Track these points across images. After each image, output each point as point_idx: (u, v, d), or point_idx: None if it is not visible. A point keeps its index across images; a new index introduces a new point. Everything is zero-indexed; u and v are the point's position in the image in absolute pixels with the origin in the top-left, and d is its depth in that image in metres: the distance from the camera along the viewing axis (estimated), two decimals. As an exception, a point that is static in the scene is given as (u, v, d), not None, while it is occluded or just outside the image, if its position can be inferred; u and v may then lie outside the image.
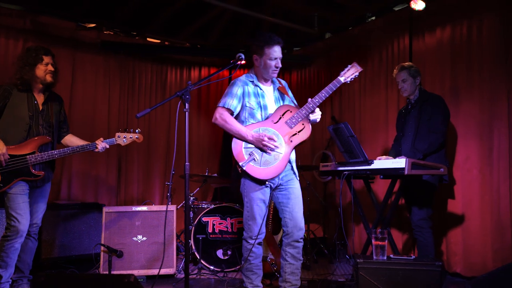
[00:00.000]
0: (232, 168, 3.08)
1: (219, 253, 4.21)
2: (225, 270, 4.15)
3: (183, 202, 4.63)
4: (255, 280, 3.05)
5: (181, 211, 4.99)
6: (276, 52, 3.06)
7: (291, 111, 3.06)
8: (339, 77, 3.13)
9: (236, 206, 4.30)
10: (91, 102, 5.41)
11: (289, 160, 3.06)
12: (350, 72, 3.14)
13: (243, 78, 3.14)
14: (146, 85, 5.91)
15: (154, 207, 4.09)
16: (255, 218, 3.01)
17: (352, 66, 3.15)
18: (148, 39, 5.78)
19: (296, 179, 3.16)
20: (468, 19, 4.06)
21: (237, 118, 3.10)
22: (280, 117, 3.05)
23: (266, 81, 3.19)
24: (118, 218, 3.95)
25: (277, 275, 3.64)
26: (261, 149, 2.97)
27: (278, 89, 3.22)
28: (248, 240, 3.04)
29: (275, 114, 3.07)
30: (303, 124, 3.06)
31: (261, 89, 3.13)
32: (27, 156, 3.20)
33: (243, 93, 3.08)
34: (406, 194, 3.74)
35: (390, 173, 3.33)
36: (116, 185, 5.57)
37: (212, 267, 4.14)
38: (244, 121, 3.08)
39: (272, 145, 2.95)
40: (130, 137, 3.54)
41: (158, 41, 5.85)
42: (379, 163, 3.39)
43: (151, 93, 5.95)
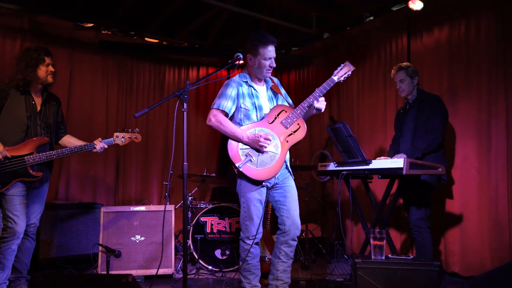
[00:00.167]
0: (230, 168, 3.06)
1: (218, 253, 4.21)
2: (224, 270, 4.15)
3: (181, 202, 4.61)
4: (253, 280, 3.04)
5: (179, 211, 4.98)
6: (271, 51, 3.04)
7: (286, 111, 3.05)
8: (332, 76, 3.14)
9: (234, 206, 4.30)
10: (89, 102, 5.40)
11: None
12: (343, 71, 3.16)
13: (236, 79, 3.11)
14: (144, 85, 5.90)
15: (152, 207, 4.09)
16: (252, 218, 3.00)
17: (344, 65, 3.17)
18: (146, 39, 5.77)
19: (292, 177, 3.16)
20: (466, 19, 4.06)
21: (232, 119, 3.08)
22: (275, 117, 3.04)
23: (259, 81, 3.17)
24: (116, 218, 3.95)
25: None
26: (257, 149, 2.96)
27: (271, 88, 3.21)
28: (246, 241, 3.03)
29: (270, 114, 3.06)
30: (298, 124, 3.06)
31: (255, 89, 3.11)
32: (25, 157, 3.18)
33: (238, 94, 3.05)
34: (404, 194, 3.75)
35: (388, 173, 3.34)
36: (114, 185, 5.56)
37: (210, 267, 4.14)
38: (239, 122, 3.05)
39: (268, 145, 2.94)
40: (129, 137, 3.53)
41: (156, 41, 5.85)
42: (377, 163, 3.39)
43: (149, 93, 5.94)
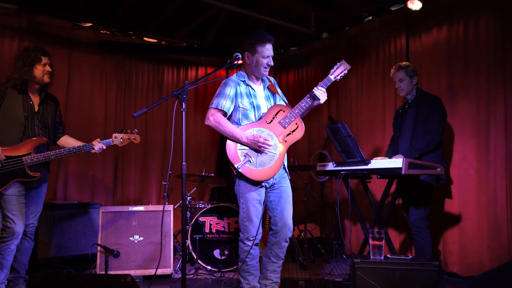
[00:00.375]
0: (229, 168, 3.06)
1: (216, 253, 4.20)
2: (222, 270, 4.15)
3: (180, 202, 4.62)
4: (252, 281, 3.03)
5: (178, 211, 4.97)
6: (268, 50, 3.03)
7: (284, 111, 3.05)
8: (329, 75, 3.15)
9: (233, 206, 4.29)
10: (88, 102, 5.39)
11: None
12: (339, 70, 3.17)
13: (234, 78, 3.10)
14: (143, 85, 5.89)
15: (151, 207, 4.08)
16: (251, 219, 2.99)
17: (341, 64, 3.18)
18: (145, 39, 5.76)
19: (288, 178, 3.16)
20: (465, 19, 4.06)
21: (229, 119, 3.06)
22: (273, 117, 3.03)
23: (257, 80, 3.16)
24: (114, 218, 3.94)
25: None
26: (256, 150, 2.95)
27: (268, 87, 3.20)
28: (245, 242, 3.01)
29: (268, 114, 3.05)
30: (296, 124, 3.05)
31: (252, 88, 3.11)
32: (23, 157, 3.17)
33: (236, 93, 3.04)
34: (403, 194, 3.75)
35: (387, 173, 3.34)
36: (112, 185, 5.55)
37: (209, 267, 4.14)
38: (237, 122, 3.04)
39: (268, 146, 2.94)
40: (127, 138, 3.52)
41: (155, 40, 5.84)
42: (376, 162, 3.39)
43: (147, 93, 5.93)
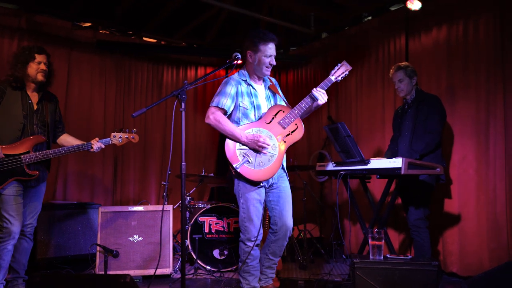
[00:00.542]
0: (228, 168, 3.05)
1: (216, 253, 4.20)
2: (222, 270, 4.14)
3: (180, 202, 4.61)
4: (252, 281, 3.03)
5: (178, 211, 4.97)
6: (271, 49, 3.04)
7: (283, 111, 3.05)
8: (330, 76, 3.14)
9: (232, 206, 4.29)
10: (87, 102, 5.38)
11: None
12: (340, 70, 3.16)
13: (235, 77, 3.10)
14: (142, 85, 5.89)
15: (150, 207, 4.07)
16: (251, 219, 2.99)
17: (342, 65, 3.17)
18: (144, 39, 5.75)
19: (287, 178, 3.16)
20: (465, 19, 4.06)
21: (229, 117, 3.06)
22: (273, 117, 3.03)
23: (258, 79, 3.16)
24: (114, 218, 3.93)
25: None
26: (255, 150, 2.94)
27: (269, 88, 3.20)
28: (246, 243, 3.00)
29: (268, 114, 3.05)
30: (296, 124, 3.05)
31: (253, 88, 3.10)
32: (22, 156, 3.17)
33: (237, 92, 3.04)
34: (403, 194, 3.74)
35: (386, 173, 3.34)
36: (112, 185, 5.54)
37: (208, 267, 4.13)
38: (237, 121, 3.04)
39: (266, 146, 2.93)
40: (126, 137, 3.52)
41: (154, 40, 5.83)
42: (375, 162, 3.39)
43: (147, 93, 5.93)
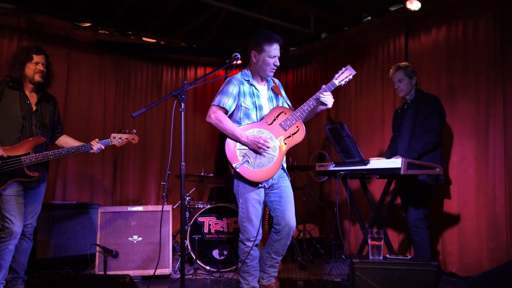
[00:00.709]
0: (228, 168, 3.05)
1: (215, 253, 4.20)
2: (221, 270, 4.14)
3: (179, 202, 4.60)
4: (251, 281, 3.03)
5: (177, 211, 4.97)
6: (276, 50, 3.03)
7: (285, 113, 3.04)
8: (333, 80, 3.14)
9: (232, 206, 4.29)
10: (87, 102, 5.39)
11: None
12: (344, 75, 3.16)
13: (238, 77, 3.09)
14: (141, 85, 5.89)
15: (150, 207, 4.07)
16: (251, 219, 2.99)
17: (346, 69, 3.17)
18: (144, 39, 5.76)
19: (288, 178, 3.16)
20: (464, 19, 4.06)
21: (231, 117, 3.06)
22: (275, 119, 3.03)
23: (261, 80, 3.15)
24: (113, 218, 3.93)
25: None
26: (255, 151, 2.94)
27: (271, 89, 3.20)
28: (246, 243, 3.01)
29: (269, 115, 3.04)
30: (297, 127, 3.05)
31: (256, 88, 3.10)
32: (22, 157, 3.17)
33: (239, 92, 3.03)
34: (402, 194, 3.75)
35: (386, 173, 3.34)
36: (111, 185, 5.54)
37: (208, 267, 4.13)
38: (239, 121, 3.04)
39: (267, 147, 2.93)
40: (126, 138, 3.52)
41: (154, 40, 5.84)
42: (375, 163, 3.39)
43: (146, 93, 5.93)
